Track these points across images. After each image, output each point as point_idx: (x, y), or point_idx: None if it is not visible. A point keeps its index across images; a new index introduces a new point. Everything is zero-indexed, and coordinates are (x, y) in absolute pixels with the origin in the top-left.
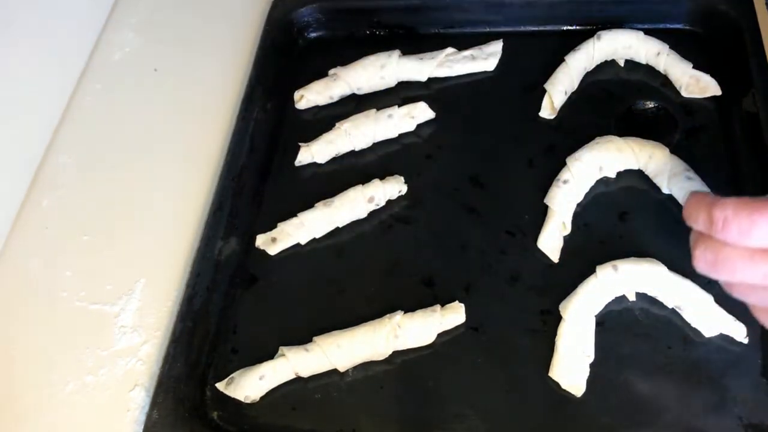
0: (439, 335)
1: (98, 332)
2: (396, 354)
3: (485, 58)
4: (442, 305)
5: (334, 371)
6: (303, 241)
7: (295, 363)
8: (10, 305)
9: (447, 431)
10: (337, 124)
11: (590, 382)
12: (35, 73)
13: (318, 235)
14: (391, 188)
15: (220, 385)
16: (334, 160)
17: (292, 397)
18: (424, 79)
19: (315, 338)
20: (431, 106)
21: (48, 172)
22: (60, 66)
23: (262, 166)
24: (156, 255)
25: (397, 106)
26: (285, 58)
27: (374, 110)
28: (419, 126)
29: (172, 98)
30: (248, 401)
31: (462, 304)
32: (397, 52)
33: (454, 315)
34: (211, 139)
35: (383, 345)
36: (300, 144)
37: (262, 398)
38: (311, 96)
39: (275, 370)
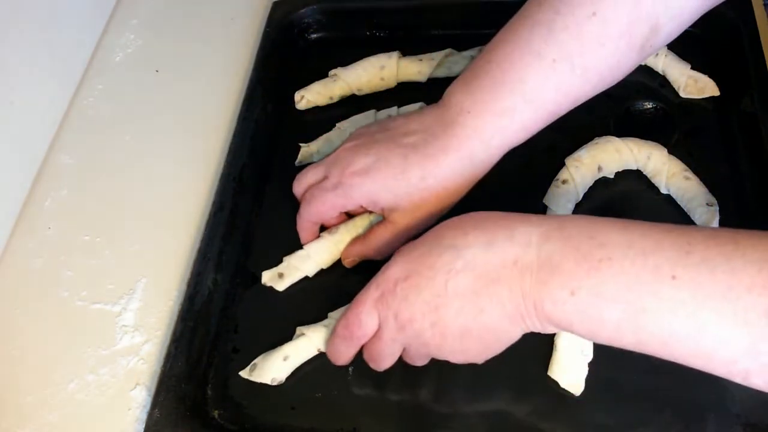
0: None
1: (100, 331)
2: None
3: None
4: None
5: (335, 370)
6: (311, 274)
7: (317, 339)
8: (12, 305)
9: (447, 430)
10: (338, 125)
11: (589, 380)
12: (37, 74)
13: (325, 266)
14: None
15: (243, 373)
16: None
17: (292, 397)
18: (424, 79)
19: (330, 314)
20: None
21: (50, 173)
22: (61, 67)
23: (263, 166)
24: (157, 255)
25: (396, 107)
26: (285, 59)
27: (374, 111)
28: None
29: (173, 99)
30: (275, 383)
31: None
32: (396, 54)
33: None
34: (212, 140)
35: None
36: (300, 144)
37: (262, 397)
38: (311, 96)
39: (298, 349)
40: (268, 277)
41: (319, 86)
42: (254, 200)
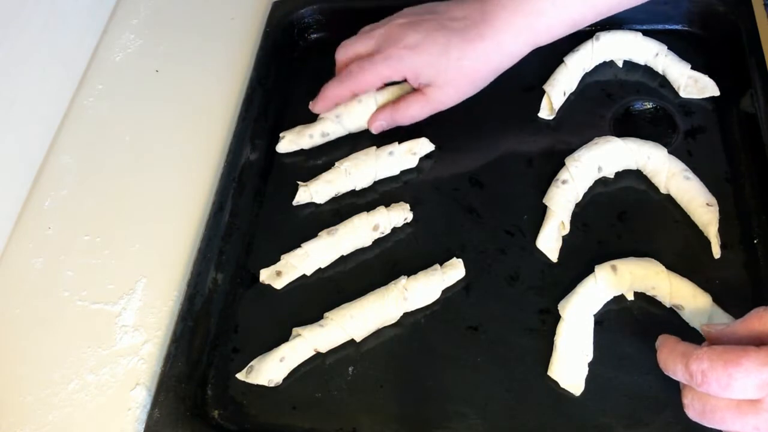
0: (439, 334)
1: (100, 331)
2: (395, 348)
3: None
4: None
5: (334, 370)
6: (309, 272)
7: (313, 340)
8: (12, 305)
9: (447, 430)
10: (337, 164)
11: (589, 380)
12: (37, 74)
13: (323, 265)
14: (396, 216)
15: (240, 375)
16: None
17: (292, 396)
18: None
19: (326, 314)
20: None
21: (50, 173)
22: (62, 67)
23: (263, 166)
24: (157, 255)
25: (397, 143)
26: (285, 59)
27: (374, 148)
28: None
29: (173, 99)
30: (272, 385)
31: (461, 260)
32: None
33: (454, 271)
34: (212, 140)
35: (393, 309)
36: (299, 183)
37: (262, 397)
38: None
39: (294, 350)
40: (266, 275)
41: (303, 139)
42: (254, 200)
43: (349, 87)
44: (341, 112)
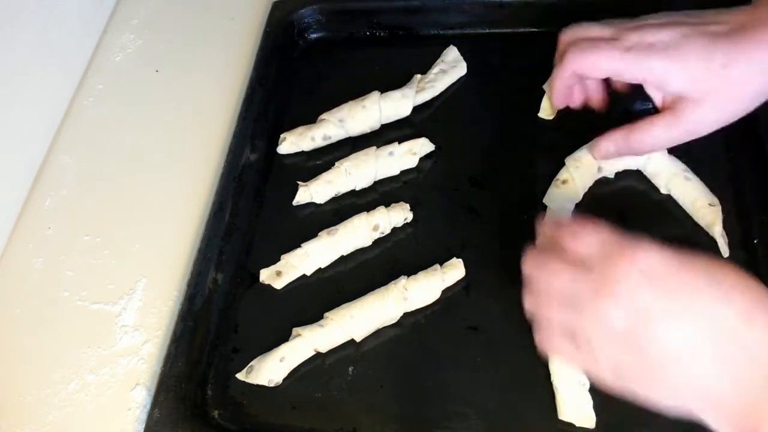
0: (439, 334)
1: (100, 331)
2: (395, 348)
3: (454, 66)
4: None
5: (334, 370)
6: (309, 272)
7: (313, 340)
8: (13, 305)
9: (447, 430)
10: (337, 164)
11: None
12: (37, 74)
13: (323, 265)
14: (396, 216)
15: (240, 375)
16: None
17: (292, 397)
18: (408, 112)
19: (326, 314)
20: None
21: (50, 173)
22: (62, 67)
23: (263, 166)
24: (157, 255)
25: (397, 143)
26: (285, 59)
27: (374, 148)
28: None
29: (173, 99)
30: (272, 384)
31: (461, 260)
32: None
33: (454, 271)
34: (212, 140)
35: (393, 309)
36: (298, 183)
37: (262, 397)
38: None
39: (294, 350)
40: (266, 275)
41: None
42: (254, 200)
43: (575, 66)
44: (344, 116)
